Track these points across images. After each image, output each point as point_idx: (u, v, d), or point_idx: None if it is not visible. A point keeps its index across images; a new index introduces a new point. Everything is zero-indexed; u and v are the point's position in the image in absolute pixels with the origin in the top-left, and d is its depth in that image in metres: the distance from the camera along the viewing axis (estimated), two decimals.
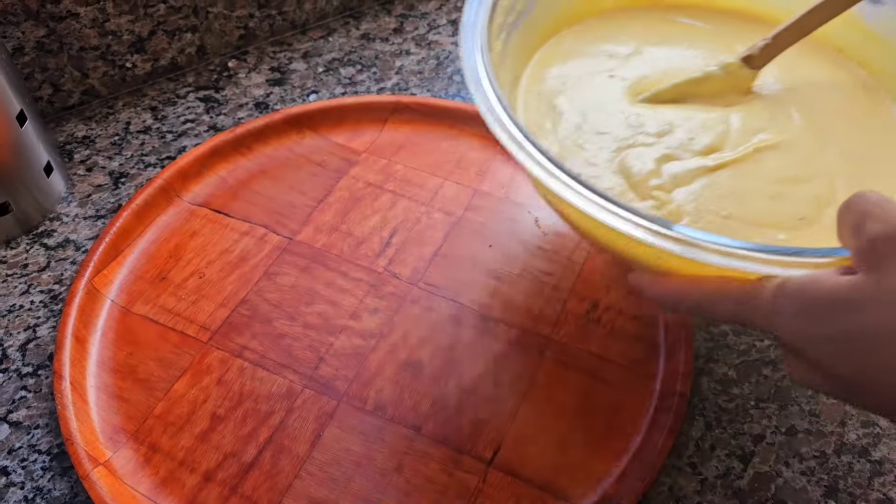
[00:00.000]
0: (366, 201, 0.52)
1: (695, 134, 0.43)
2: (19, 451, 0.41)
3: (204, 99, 0.59)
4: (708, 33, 0.50)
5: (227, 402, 0.42)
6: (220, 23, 0.60)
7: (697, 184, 0.40)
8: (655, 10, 0.51)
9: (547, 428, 0.42)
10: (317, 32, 0.65)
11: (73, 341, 0.44)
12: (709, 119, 0.44)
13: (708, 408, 0.43)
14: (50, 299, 0.47)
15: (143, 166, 0.54)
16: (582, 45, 0.48)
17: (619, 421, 0.42)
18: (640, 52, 0.48)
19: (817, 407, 0.43)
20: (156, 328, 0.45)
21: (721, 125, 0.43)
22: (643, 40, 0.49)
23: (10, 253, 0.49)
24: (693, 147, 0.42)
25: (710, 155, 0.42)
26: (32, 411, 0.42)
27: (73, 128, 0.57)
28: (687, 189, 0.40)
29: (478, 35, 0.39)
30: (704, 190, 0.40)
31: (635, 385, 0.43)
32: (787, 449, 0.42)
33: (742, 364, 0.45)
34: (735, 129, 0.43)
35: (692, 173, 0.41)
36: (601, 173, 0.41)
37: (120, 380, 0.43)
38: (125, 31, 0.56)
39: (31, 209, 0.50)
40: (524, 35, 0.46)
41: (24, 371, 0.44)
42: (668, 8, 0.51)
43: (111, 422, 0.41)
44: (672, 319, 0.45)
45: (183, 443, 0.41)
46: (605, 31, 0.49)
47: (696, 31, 0.50)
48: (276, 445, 0.41)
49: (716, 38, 0.49)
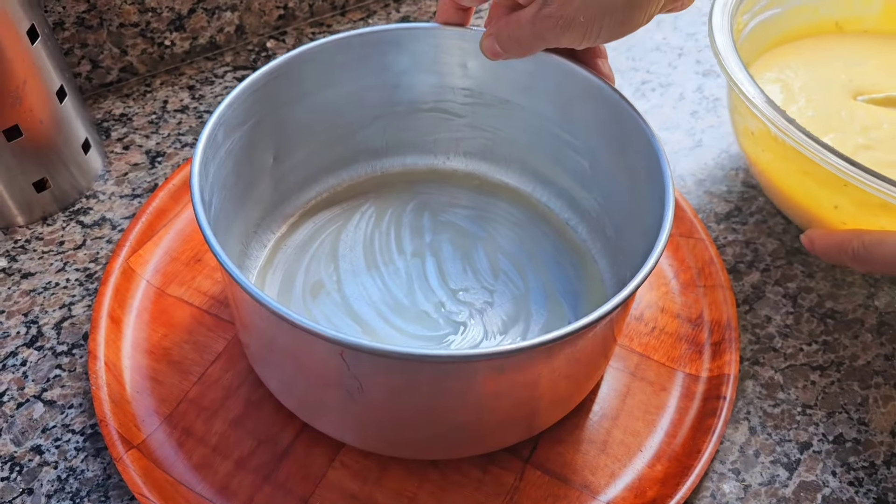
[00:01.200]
0: None
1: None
2: (53, 430, 0.41)
3: (241, 79, 0.58)
4: None
5: (261, 388, 0.42)
6: (259, 2, 0.59)
7: (886, 173, 0.43)
8: (891, 38, 0.56)
9: (586, 426, 0.41)
10: (356, 14, 0.64)
11: (109, 321, 0.43)
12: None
13: (753, 412, 0.42)
14: (86, 278, 0.47)
15: (179, 146, 0.54)
16: (817, 48, 0.55)
17: (661, 423, 0.41)
18: (866, 63, 0.53)
19: (866, 416, 0.42)
20: (191, 310, 0.45)
21: None
22: (872, 56, 0.54)
23: (47, 230, 0.49)
24: (894, 145, 0.48)
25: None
26: (67, 390, 0.42)
27: (111, 105, 0.56)
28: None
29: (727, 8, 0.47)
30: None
31: (678, 386, 0.42)
32: (835, 458, 0.40)
33: (789, 368, 0.44)
34: None
35: (885, 164, 0.45)
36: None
37: (154, 362, 0.43)
38: (165, 8, 0.56)
39: (69, 186, 0.50)
40: (767, 26, 0.53)
41: (58, 350, 0.44)
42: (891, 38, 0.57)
43: (145, 404, 0.41)
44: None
45: (217, 428, 0.40)
46: (832, 48, 0.55)
47: None
48: (310, 434, 0.40)
49: None
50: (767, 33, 0.53)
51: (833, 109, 0.50)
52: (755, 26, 0.52)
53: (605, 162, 0.44)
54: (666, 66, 0.60)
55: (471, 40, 0.43)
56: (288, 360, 0.36)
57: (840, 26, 0.56)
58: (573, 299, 0.44)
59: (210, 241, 0.32)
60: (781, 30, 0.54)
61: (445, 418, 0.35)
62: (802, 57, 0.54)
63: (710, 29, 0.46)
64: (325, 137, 0.46)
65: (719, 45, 0.45)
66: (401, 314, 0.42)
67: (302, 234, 0.46)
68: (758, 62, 0.53)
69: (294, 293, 0.43)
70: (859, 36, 0.56)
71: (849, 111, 0.50)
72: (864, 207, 0.41)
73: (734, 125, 0.49)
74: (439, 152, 0.50)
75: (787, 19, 0.54)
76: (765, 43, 0.54)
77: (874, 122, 0.49)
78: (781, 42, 0.55)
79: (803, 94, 0.51)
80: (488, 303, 0.43)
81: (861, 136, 0.48)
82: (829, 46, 0.55)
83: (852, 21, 0.56)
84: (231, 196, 0.40)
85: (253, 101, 0.40)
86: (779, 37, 0.54)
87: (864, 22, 0.56)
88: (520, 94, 0.45)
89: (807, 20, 0.55)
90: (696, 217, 0.49)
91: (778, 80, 0.52)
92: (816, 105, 0.50)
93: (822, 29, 0.56)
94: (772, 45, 0.54)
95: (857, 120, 0.49)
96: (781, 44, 0.55)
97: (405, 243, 0.46)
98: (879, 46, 0.55)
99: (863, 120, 0.49)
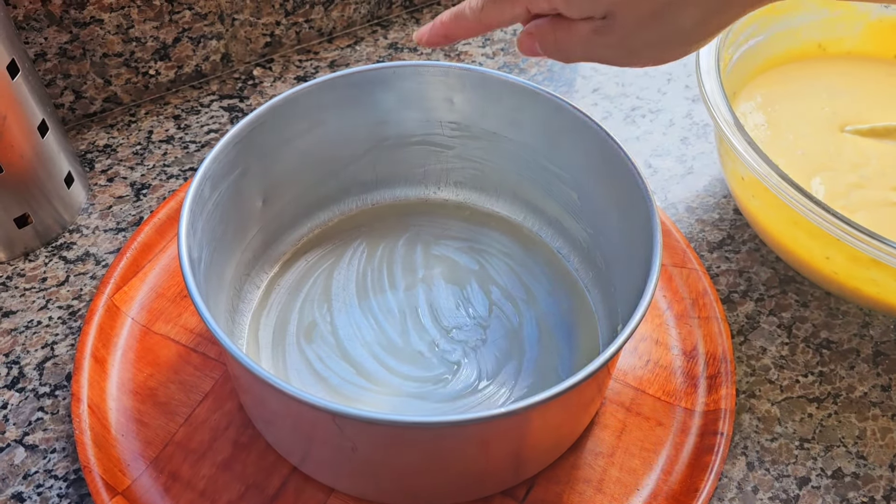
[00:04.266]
0: None
1: (888, 170, 0.48)
2: (35, 476, 0.39)
3: (228, 108, 0.57)
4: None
5: (249, 430, 0.41)
6: (245, 30, 0.59)
7: (879, 213, 0.44)
8: (878, 62, 0.57)
9: (582, 465, 0.40)
10: (344, 41, 0.63)
11: (92, 361, 0.42)
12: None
13: (750, 447, 0.41)
14: (69, 315, 0.46)
15: (165, 177, 0.53)
16: (801, 75, 0.54)
17: (657, 460, 0.40)
18: (850, 93, 0.53)
19: (865, 449, 0.42)
20: (177, 348, 0.44)
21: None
22: (855, 84, 0.54)
23: (29, 266, 0.48)
24: (884, 181, 0.47)
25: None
26: (49, 434, 0.41)
27: (95, 136, 0.55)
28: (868, 214, 0.45)
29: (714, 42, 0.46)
30: (885, 219, 0.45)
31: (675, 421, 0.42)
32: (834, 493, 0.40)
33: (785, 401, 0.43)
34: None
35: (877, 203, 0.46)
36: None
37: (139, 403, 0.42)
38: (149, 37, 0.55)
39: (51, 221, 0.49)
40: (750, 59, 0.53)
41: (41, 391, 0.43)
42: (884, 63, 0.56)
43: (130, 447, 0.40)
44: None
45: (204, 471, 0.39)
46: (817, 73, 0.55)
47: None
48: (300, 478, 0.39)
49: None
50: (753, 61, 0.53)
51: (821, 146, 0.49)
52: (741, 56, 0.52)
53: (593, 194, 0.43)
54: (655, 92, 0.60)
55: (455, 77, 0.43)
56: (282, 420, 0.36)
57: (823, 48, 0.56)
58: (566, 332, 0.43)
59: (203, 314, 0.33)
60: (765, 57, 0.54)
61: (439, 470, 0.35)
62: (787, 86, 0.54)
63: (699, 75, 0.46)
64: (315, 175, 0.45)
65: (708, 93, 0.45)
66: (395, 355, 0.42)
67: (295, 272, 0.45)
68: (744, 90, 0.53)
69: (288, 336, 0.43)
70: (842, 59, 0.56)
71: (836, 146, 0.50)
72: (856, 261, 0.41)
73: (724, 166, 0.49)
74: (429, 183, 0.49)
75: (770, 45, 0.54)
76: (750, 70, 0.54)
77: (862, 157, 0.49)
78: (766, 68, 0.55)
79: (791, 130, 0.50)
80: (482, 340, 0.43)
81: (852, 174, 0.48)
82: (812, 73, 0.55)
83: (835, 42, 0.56)
84: (221, 246, 0.40)
85: (238, 151, 0.40)
86: (763, 63, 0.54)
87: (846, 43, 0.56)
88: (507, 127, 0.45)
89: (790, 44, 0.55)
90: (689, 246, 0.48)
91: (764, 110, 0.52)
92: (805, 142, 0.50)
93: (806, 52, 0.56)
94: (757, 73, 0.54)
95: (845, 156, 0.49)
96: (766, 69, 0.55)
97: (397, 279, 0.45)
98: (862, 72, 0.55)
99: (851, 156, 0.49)
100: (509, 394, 0.41)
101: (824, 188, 0.47)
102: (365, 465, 0.35)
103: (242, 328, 0.43)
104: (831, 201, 0.46)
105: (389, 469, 0.35)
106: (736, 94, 0.52)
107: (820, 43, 0.56)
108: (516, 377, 0.41)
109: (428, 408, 0.40)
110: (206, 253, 0.38)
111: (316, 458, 0.37)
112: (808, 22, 0.55)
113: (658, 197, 0.53)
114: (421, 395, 0.41)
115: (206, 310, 0.33)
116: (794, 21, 0.54)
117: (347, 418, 0.30)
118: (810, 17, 0.54)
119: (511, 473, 0.38)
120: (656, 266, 0.35)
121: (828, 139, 0.50)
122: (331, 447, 0.34)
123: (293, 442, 0.37)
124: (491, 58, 0.62)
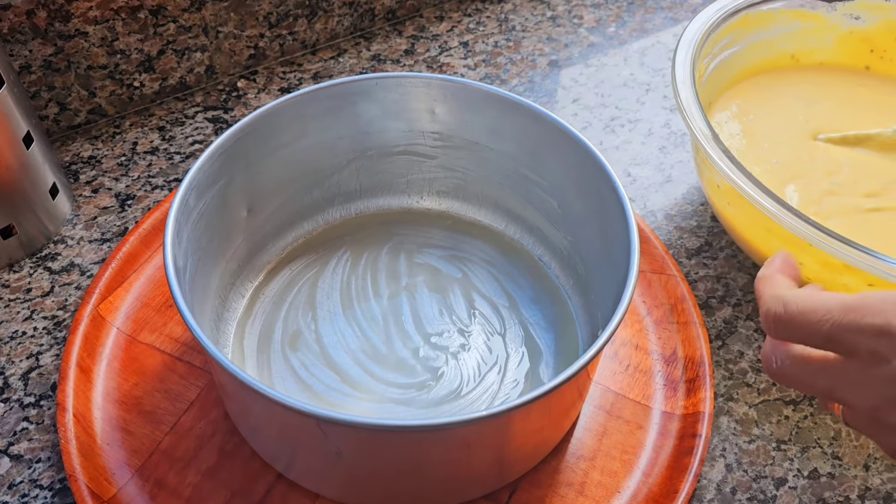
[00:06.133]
0: None
1: (859, 178, 0.49)
2: (20, 486, 0.40)
3: (213, 119, 0.58)
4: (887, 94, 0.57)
5: (235, 437, 0.41)
6: (230, 42, 0.59)
7: (851, 220, 0.45)
8: (849, 72, 0.58)
9: (563, 468, 0.41)
10: (327, 53, 0.64)
11: (77, 371, 0.43)
12: (875, 168, 0.50)
13: (728, 449, 0.42)
14: (53, 326, 0.46)
15: (150, 188, 0.53)
16: (775, 84, 0.56)
17: (638, 462, 0.41)
18: (822, 102, 0.54)
19: (840, 450, 0.42)
20: (162, 357, 0.44)
21: (886, 176, 0.49)
22: (827, 93, 0.55)
23: (13, 277, 0.48)
24: (856, 188, 0.48)
25: (871, 199, 0.48)
26: (34, 444, 0.41)
27: (80, 147, 0.56)
28: (841, 221, 0.46)
29: (690, 52, 0.48)
30: (856, 226, 0.46)
31: (654, 424, 0.42)
32: (810, 493, 0.41)
33: (762, 404, 0.44)
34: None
35: (849, 209, 0.47)
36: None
37: (125, 412, 0.42)
38: (134, 50, 0.55)
39: (36, 232, 0.49)
40: (724, 70, 0.54)
41: (25, 401, 0.43)
42: (855, 73, 0.58)
43: (116, 456, 0.40)
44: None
45: (190, 479, 0.40)
46: (790, 83, 0.56)
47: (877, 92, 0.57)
48: (285, 484, 0.39)
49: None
50: (728, 72, 0.55)
51: (795, 154, 0.51)
52: (716, 66, 0.53)
53: (572, 202, 0.44)
54: (634, 102, 0.61)
55: (437, 88, 0.44)
56: (267, 426, 0.36)
57: (796, 59, 0.57)
58: (548, 338, 0.44)
59: (189, 322, 0.33)
60: (740, 67, 0.56)
61: (423, 475, 0.35)
62: (762, 96, 0.55)
63: (675, 87, 0.46)
64: (299, 185, 0.46)
65: (684, 103, 0.45)
66: (379, 362, 0.42)
67: (280, 281, 0.46)
68: (719, 100, 0.54)
69: (273, 344, 0.43)
70: (815, 69, 0.57)
71: (810, 154, 0.51)
72: (828, 267, 0.42)
73: (700, 175, 0.50)
74: (413, 192, 0.50)
75: (744, 56, 0.55)
76: (725, 81, 0.55)
77: (835, 165, 0.50)
78: (741, 79, 0.56)
79: (766, 139, 0.52)
80: (464, 346, 0.43)
81: (825, 181, 0.49)
82: (786, 83, 0.56)
83: (808, 53, 0.57)
84: (206, 255, 0.40)
85: (223, 162, 0.40)
86: (738, 74, 0.56)
87: (818, 54, 0.57)
88: (488, 136, 0.45)
89: (764, 55, 0.56)
90: (668, 253, 0.49)
91: (739, 119, 0.53)
92: (779, 150, 0.51)
93: (779, 63, 0.57)
94: (732, 83, 0.55)
95: (818, 164, 0.50)
96: (741, 80, 0.56)
97: (381, 287, 0.46)
98: (834, 82, 0.56)
99: (824, 163, 0.50)
100: (492, 399, 0.42)
101: (798, 195, 0.48)
102: (349, 470, 0.35)
103: (227, 337, 0.44)
104: (805, 208, 0.47)
105: (374, 474, 0.36)
106: (712, 104, 0.54)
107: (793, 54, 0.57)
108: (499, 383, 0.42)
109: (412, 413, 0.41)
110: (192, 262, 0.38)
111: (301, 465, 0.38)
112: (781, 33, 0.56)
113: (637, 205, 0.54)
114: (405, 401, 0.41)
115: (192, 318, 0.33)
116: (767, 33, 0.55)
117: (332, 423, 0.31)
118: (783, 28, 0.56)
119: (494, 477, 0.38)
120: (634, 272, 0.36)
121: (801, 147, 0.51)
122: (316, 453, 0.35)
123: (278, 448, 0.38)
124: (472, 69, 0.63)
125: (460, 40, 0.66)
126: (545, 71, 0.63)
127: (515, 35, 0.66)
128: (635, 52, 0.65)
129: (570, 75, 0.63)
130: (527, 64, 0.64)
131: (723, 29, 0.51)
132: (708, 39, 0.50)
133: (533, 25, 0.67)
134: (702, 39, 0.49)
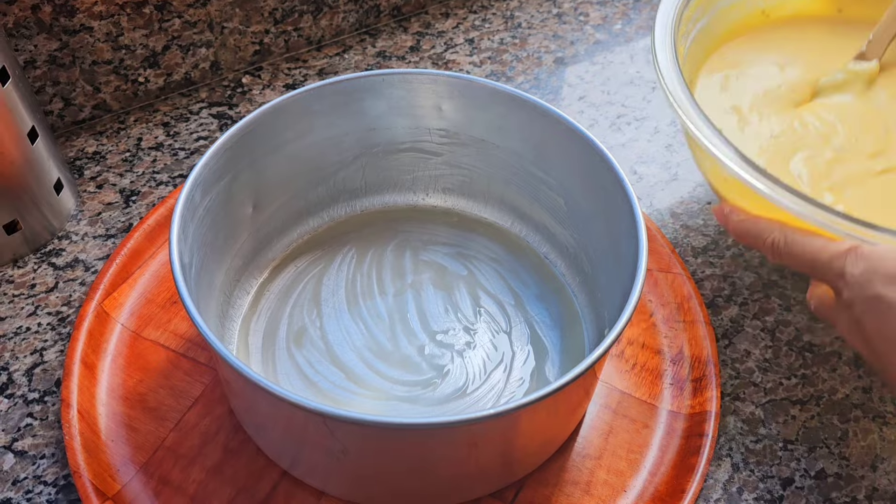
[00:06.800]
0: None
1: (858, 135, 0.48)
2: (24, 482, 0.39)
3: (217, 115, 0.58)
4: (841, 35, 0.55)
5: (239, 434, 0.41)
6: (234, 38, 0.59)
7: (866, 187, 0.45)
8: (821, 21, 0.56)
9: (569, 467, 0.40)
10: (332, 49, 0.64)
11: (82, 367, 0.42)
12: (866, 119, 0.48)
13: (735, 448, 0.42)
14: (58, 322, 0.46)
15: (154, 184, 0.53)
16: (749, 50, 0.54)
17: (644, 462, 0.41)
18: (797, 62, 0.53)
19: (847, 450, 0.42)
20: (167, 354, 0.44)
21: (878, 125, 0.48)
22: (797, 52, 0.54)
23: (18, 272, 0.48)
24: (859, 149, 0.47)
25: (877, 158, 0.47)
26: (38, 440, 0.41)
27: (84, 143, 0.56)
28: (856, 191, 0.45)
29: (668, 36, 0.46)
30: (873, 193, 0.45)
31: (661, 424, 0.42)
32: (818, 494, 0.41)
33: (769, 403, 0.44)
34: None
35: (861, 175, 0.46)
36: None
37: (129, 408, 0.42)
38: (139, 45, 0.55)
39: (40, 227, 0.49)
40: (700, 42, 0.53)
41: (30, 397, 0.43)
42: (828, 21, 0.56)
43: (120, 453, 0.40)
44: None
45: (194, 476, 0.39)
46: (764, 44, 0.55)
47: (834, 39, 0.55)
48: (290, 481, 0.39)
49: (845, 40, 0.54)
50: (703, 45, 0.53)
51: (787, 124, 0.49)
52: (690, 44, 0.51)
53: (579, 200, 0.44)
54: (640, 100, 0.61)
55: (443, 84, 0.44)
56: (273, 423, 0.36)
57: (767, 14, 0.56)
58: (554, 336, 0.44)
59: (194, 318, 0.33)
60: (714, 36, 0.54)
61: (428, 473, 0.35)
62: (739, 63, 0.53)
63: (664, 86, 0.44)
64: (305, 181, 0.46)
65: (683, 112, 0.43)
66: (384, 359, 0.42)
67: (285, 278, 0.46)
68: (700, 76, 0.53)
69: (278, 341, 0.43)
70: (786, 25, 0.56)
71: (800, 120, 0.49)
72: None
73: (701, 166, 0.48)
74: (418, 189, 0.50)
75: (716, 25, 0.53)
76: (701, 54, 0.53)
77: (828, 126, 0.48)
78: (717, 46, 0.54)
79: (754, 111, 0.50)
80: (469, 343, 0.43)
81: (826, 148, 0.47)
82: (759, 46, 0.55)
83: (777, 7, 0.56)
84: (211, 251, 0.40)
85: (229, 157, 0.40)
86: (713, 43, 0.54)
87: (788, 6, 0.56)
88: (494, 133, 0.45)
89: (735, 18, 0.55)
90: (674, 252, 0.49)
91: (726, 93, 0.51)
92: (770, 122, 0.49)
93: (750, 22, 0.56)
94: (708, 53, 0.54)
95: (811, 129, 0.48)
96: (717, 48, 0.54)
97: (387, 284, 0.46)
98: (806, 36, 0.55)
99: (818, 128, 0.48)
100: (497, 397, 0.41)
101: (806, 170, 0.47)
102: (355, 468, 0.35)
103: (232, 334, 0.43)
104: (817, 183, 0.45)
105: (379, 472, 0.35)
106: (693, 81, 0.52)
107: (763, 10, 0.56)
108: (505, 381, 0.42)
109: (417, 411, 0.40)
110: (197, 258, 0.38)
111: (306, 462, 0.37)
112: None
113: (643, 203, 0.54)
114: (410, 398, 0.41)
115: (197, 314, 0.33)
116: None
117: (338, 421, 0.31)
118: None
119: (500, 476, 0.38)
120: (642, 271, 0.35)
121: (791, 115, 0.49)
122: (321, 450, 0.35)
123: (284, 446, 0.38)
124: (478, 66, 0.63)
125: (466, 37, 0.65)
126: (551, 68, 0.63)
127: (521, 32, 0.66)
128: (641, 49, 0.65)
129: (576, 73, 0.63)
130: (532, 61, 0.63)
131: (692, 5, 0.50)
132: (681, 20, 0.49)
133: (539, 23, 0.67)
134: (675, 23, 0.48)
